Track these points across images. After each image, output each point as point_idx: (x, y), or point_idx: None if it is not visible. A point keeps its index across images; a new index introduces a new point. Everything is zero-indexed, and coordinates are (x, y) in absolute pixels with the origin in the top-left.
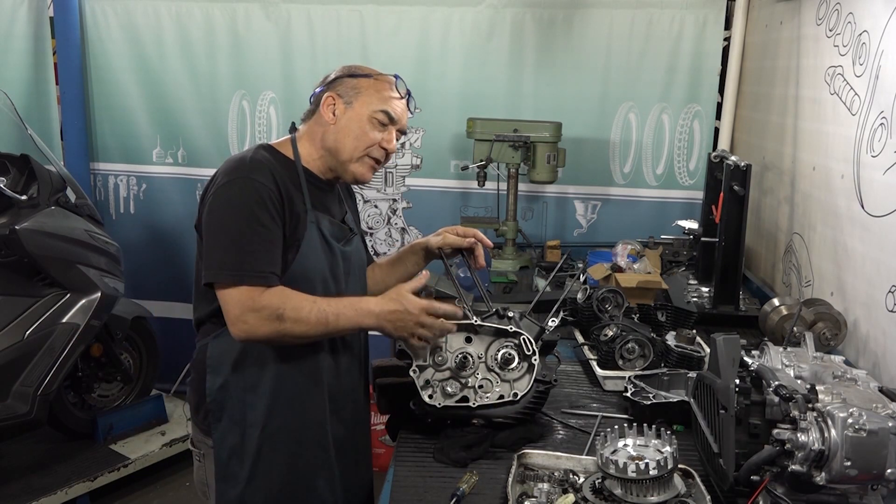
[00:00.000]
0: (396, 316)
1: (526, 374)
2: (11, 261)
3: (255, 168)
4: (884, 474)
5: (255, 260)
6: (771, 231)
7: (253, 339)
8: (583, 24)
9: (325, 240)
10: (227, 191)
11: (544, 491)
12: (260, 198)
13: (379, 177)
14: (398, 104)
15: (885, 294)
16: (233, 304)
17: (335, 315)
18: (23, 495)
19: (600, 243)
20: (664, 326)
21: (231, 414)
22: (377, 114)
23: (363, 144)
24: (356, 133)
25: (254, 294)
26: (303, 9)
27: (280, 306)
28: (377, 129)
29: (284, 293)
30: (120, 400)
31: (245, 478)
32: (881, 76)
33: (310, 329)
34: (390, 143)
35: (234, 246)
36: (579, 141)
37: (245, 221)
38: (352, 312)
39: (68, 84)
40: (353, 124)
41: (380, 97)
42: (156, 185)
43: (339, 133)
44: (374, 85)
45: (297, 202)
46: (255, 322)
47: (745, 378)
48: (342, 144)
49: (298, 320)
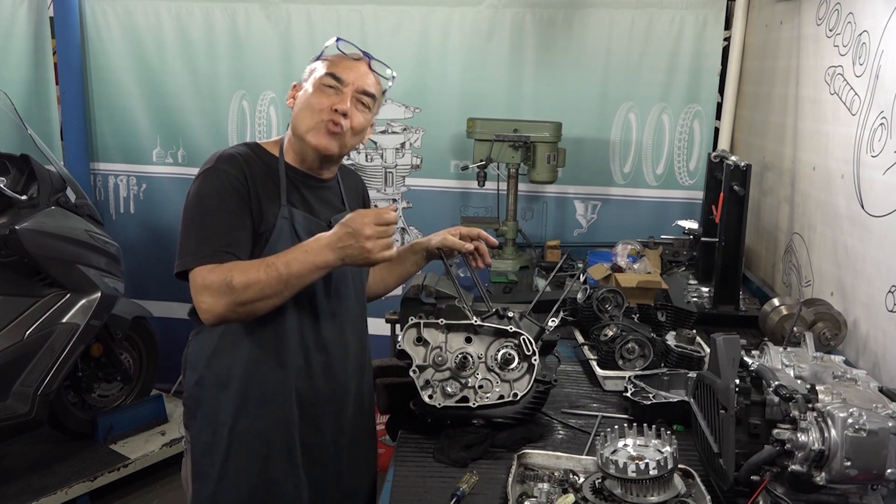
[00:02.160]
0: (346, 241)
1: (526, 374)
2: (11, 261)
3: (223, 160)
4: (884, 474)
5: (208, 241)
6: (771, 231)
7: (218, 319)
8: (583, 24)
9: (298, 236)
10: (194, 186)
11: (544, 491)
12: (221, 186)
13: (379, 177)
14: (348, 66)
15: (885, 294)
16: (192, 290)
17: (285, 264)
18: (23, 495)
19: (600, 243)
20: (664, 326)
21: (204, 410)
22: (323, 78)
23: (314, 112)
24: (307, 105)
25: (204, 272)
26: (303, 9)
27: (226, 276)
28: (325, 94)
29: (234, 265)
30: (120, 400)
31: (216, 477)
32: (881, 76)
33: (264, 288)
34: (342, 103)
35: (192, 233)
36: (579, 141)
37: (203, 209)
38: (302, 255)
39: (68, 84)
40: (305, 98)
41: (325, 64)
42: (156, 185)
43: (297, 114)
44: (323, 61)
45: (267, 196)
46: (209, 300)
47: (745, 378)
48: (298, 120)
49: (248, 284)
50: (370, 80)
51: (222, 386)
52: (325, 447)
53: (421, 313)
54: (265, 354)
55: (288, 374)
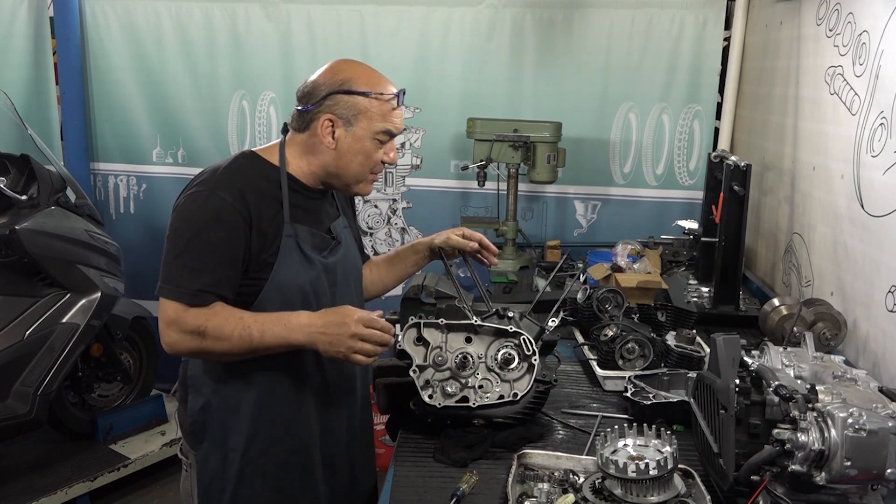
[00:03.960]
0: (329, 329)
1: (526, 374)
2: (11, 261)
3: (222, 182)
4: (884, 474)
5: (193, 277)
6: (771, 231)
7: (176, 353)
8: (583, 24)
9: (304, 254)
10: (187, 205)
11: (544, 491)
12: (216, 215)
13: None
14: (398, 116)
15: (885, 294)
16: (162, 318)
17: (260, 332)
18: (23, 495)
19: (600, 243)
20: (664, 326)
21: (213, 436)
22: (380, 135)
23: (368, 166)
24: (361, 158)
25: (180, 310)
26: (303, 9)
27: (202, 324)
28: (378, 148)
29: (212, 311)
30: (120, 400)
31: (228, 501)
32: (881, 76)
33: (232, 346)
34: (392, 153)
35: (177, 261)
36: (579, 141)
37: (193, 237)
38: (279, 328)
39: (68, 84)
40: (357, 147)
41: (381, 117)
42: (156, 185)
43: (341, 158)
44: (373, 105)
45: (269, 217)
46: (176, 337)
47: (745, 378)
48: (346, 169)
49: (220, 338)
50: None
51: (232, 411)
52: (341, 454)
53: (421, 313)
54: (282, 378)
55: (307, 395)
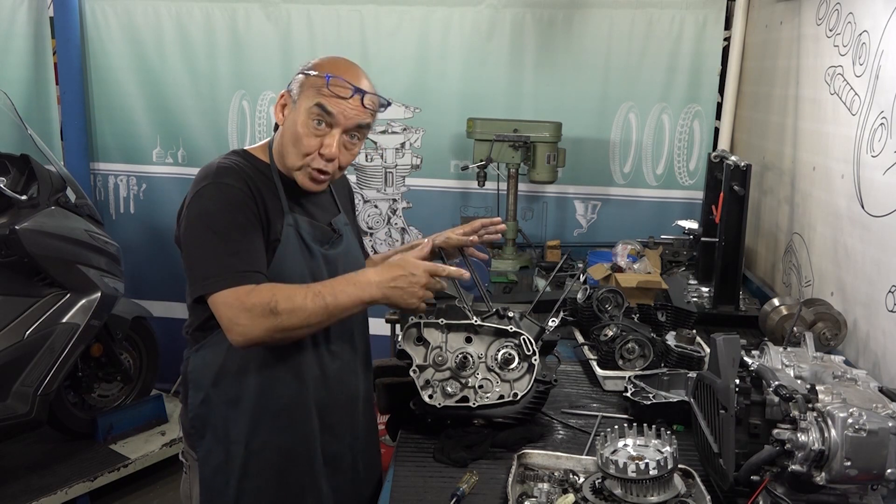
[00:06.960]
0: (401, 282)
1: (526, 374)
2: (11, 261)
3: (223, 173)
4: (884, 474)
5: (237, 261)
6: (771, 231)
7: (252, 341)
8: (583, 24)
9: (305, 243)
10: (199, 201)
11: (544, 491)
12: (231, 199)
13: (379, 177)
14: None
15: (885, 294)
16: (224, 310)
17: (332, 295)
18: (23, 495)
19: (600, 243)
20: (664, 326)
21: (214, 430)
22: (312, 108)
23: (301, 152)
24: (294, 137)
25: (240, 294)
26: (303, 9)
27: (270, 300)
28: (314, 133)
29: (274, 287)
30: (120, 400)
31: (232, 496)
32: (881, 76)
33: (309, 316)
34: (329, 147)
35: (214, 253)
36: (579, 141)
37: (220, 227)
38: (351, 288)
39: (68, 84)
40: (293, 126)
41: (317, 90)
42: (156, 185)
43: (283, 136)
44: (318, 82)
45: (271, 204)
46: (248, 322)
47: (745, 378)
48: (286, 150)
49: (293, 310)
50: (364, 112)
51: (232, 404)
52: (343, 454)
53: (421, 313)
54: (281, 369)
55: (306, 386)
